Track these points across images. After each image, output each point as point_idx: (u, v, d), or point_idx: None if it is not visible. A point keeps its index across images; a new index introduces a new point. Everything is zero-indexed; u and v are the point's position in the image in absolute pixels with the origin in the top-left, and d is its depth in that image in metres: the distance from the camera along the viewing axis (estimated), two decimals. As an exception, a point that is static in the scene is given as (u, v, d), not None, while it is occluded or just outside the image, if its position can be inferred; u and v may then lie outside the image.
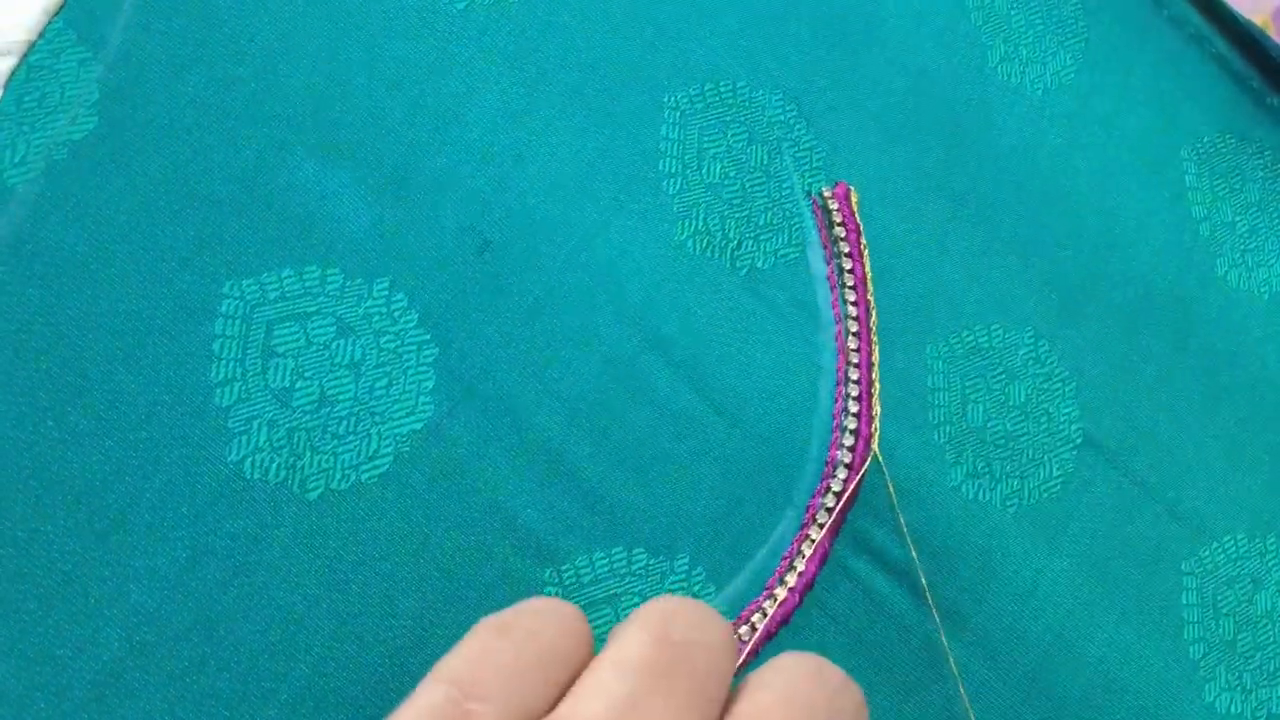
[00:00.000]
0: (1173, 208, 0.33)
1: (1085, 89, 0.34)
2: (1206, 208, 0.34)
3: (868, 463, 0.28)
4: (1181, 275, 0.33)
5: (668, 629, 0.19)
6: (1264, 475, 0.32)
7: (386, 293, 0.26)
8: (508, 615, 0.19)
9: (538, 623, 0.19)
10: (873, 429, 0.28)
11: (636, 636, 0.18)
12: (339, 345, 0.26)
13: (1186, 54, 0.35)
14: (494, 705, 0.18)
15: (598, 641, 0.19)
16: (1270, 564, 0.31)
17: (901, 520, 0.27)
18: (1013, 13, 0.34)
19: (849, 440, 0.28)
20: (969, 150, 0.32)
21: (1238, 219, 0.34)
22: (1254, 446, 0.32)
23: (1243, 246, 0.34)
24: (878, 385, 0.28)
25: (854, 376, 0.28)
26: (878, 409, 0.28)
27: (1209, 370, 0.32)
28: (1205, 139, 0.34)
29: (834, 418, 0.28)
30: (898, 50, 0.32)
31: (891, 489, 0.27)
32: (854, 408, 0.28)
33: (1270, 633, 0.30)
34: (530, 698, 0.18)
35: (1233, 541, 0.31)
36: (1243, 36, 0.35)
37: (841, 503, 0.27)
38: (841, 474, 0.27)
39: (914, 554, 0.27)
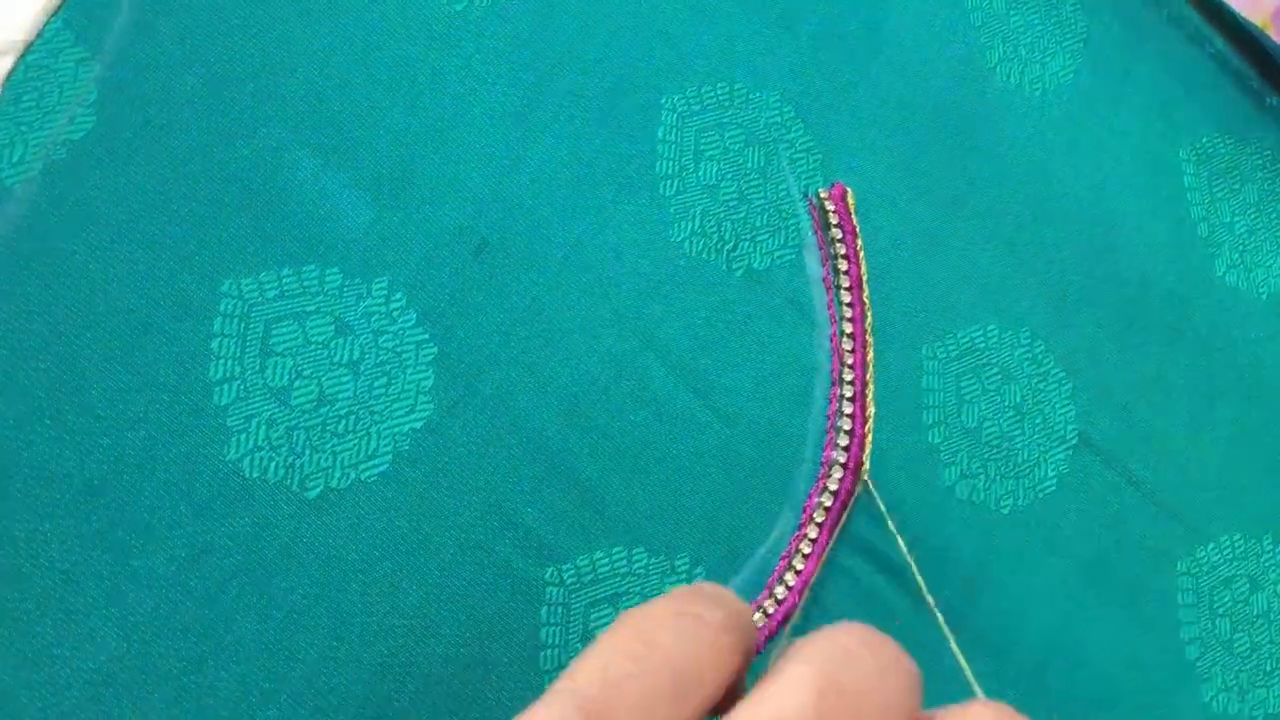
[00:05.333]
0: (1171, 208, 0.33)
1: (1084, 89, 0.34)
2: (1205, 208, 0.34)
3: (864, 465, 0.28)
4: (1179, 275, 0.33)
5: (839, 676, 0.16)
6: (1261, 475, 0.32)
7: (385, 292, 0.26)
8: (652, 624, 0.17)
9: (681, 640, 0.17)
10: (866, 429, 0.28)
11: (800, 681, 0.16)
12: (337, 344, 0.26)
13: (1186, 54, 0.35)
14: None
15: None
16: (1267, 564, 0.31)
17: (894, 528, 0.27)
18: (1012, 13, 0.34)
19: (843, 440, 0.28)
20: (967, 151, 0.32)
21: (1236, 219, 0.34)
22: (1251, 447, 0.32)
23: (1241, 246, 0.34)
24: (872, 386, 0.29)
25: (848, 378, 0.28)
26: (871, 409, 0.28)
27: (1206, 370, 0.32)
28: (1204, 139, 0.34)
29: (828, 418, 0.28)
30: (896, 51, 0.32)
31: (881, 505, 0.27)
32: (848, 408, 0.28)
33: (1267, 633, 0.30)
34: None
35: (1229, 542, 0.31)
36: (1242, 36, 0.35)
37: (837, 502, 0.27)
38: (837, 474, 0.27)
39: (911, 560, 0.27)
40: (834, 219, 0.30)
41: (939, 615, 0.27)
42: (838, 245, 0.29)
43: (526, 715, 0.16)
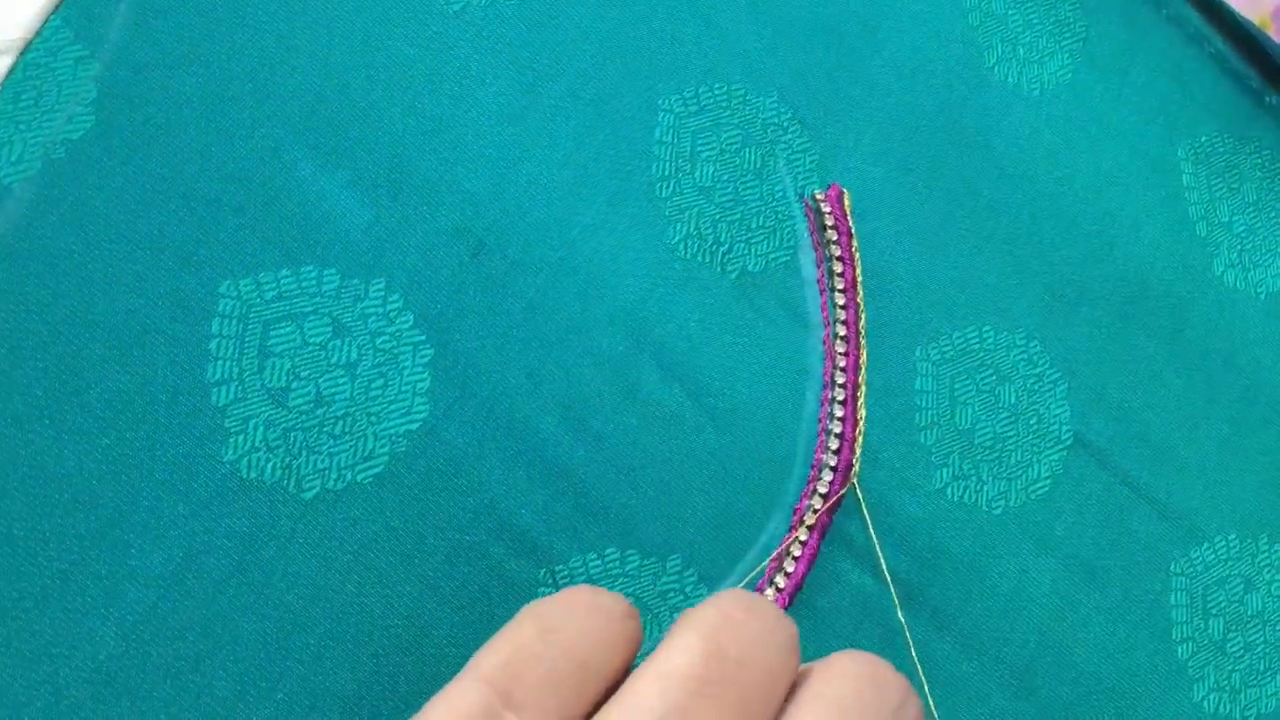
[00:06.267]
0: (1169, 207, 0.33)
1: (1083, 89, 0.34)
2: (1203, 207, 0.34)
3: (853, 468, 0.28)
4: (1177, 275, 0.33)
5: (722, 643, 0.18)
6: (1257, 476, 0.32)
7: (383, 293, 0.27)
8: (554, 613, 0.19)
9: (582, 625, 0.18)
10: (857, 432, 0.28)
11: (688, 645, 0.17)
12: (335, 345, 0.26)
13: (1185, 53, 0.35)
14: (529, 716, 0.17)
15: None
16: (1262, 564, 0.31)
17: (875, 539, 0.28)
18: (1010, 12, 0.34)
19: (834, 444, 0.28)
20: (965, 151, 0.32)
21: (1235, 218, 0.34)
22: (1247, 447, 0.32)
23: (1239, 246, 0.34)
24: (863, 389, 0.29)
25: (840, 380, 0.28)
26: (862, 413, 0.28)
27: (1203, 370, 0.32)
28: (1203, 138, 0.34)
29: (819, 421, 0.28)
30: (894, 51, 0.32)
31: (865, 511, 0.28)
32: (839, 411, 0.28)
33: (1260, 634, 0.30)
34: (567, 707, 0.18)
35: (1224, 542, 0.31)
36: (1242, 36, 0.35)
37: (827, 505, 0.27)
38: (827, 476, 0.28)
39: (879, 552, 0.28)
40: (830, 220, 0.30)
41: (907, 629, 0.28)
42: (833, 247, 0.29)
43: (440, 695, 0.18)
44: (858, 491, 0.28)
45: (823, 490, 0.27)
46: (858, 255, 0.30)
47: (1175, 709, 0.29)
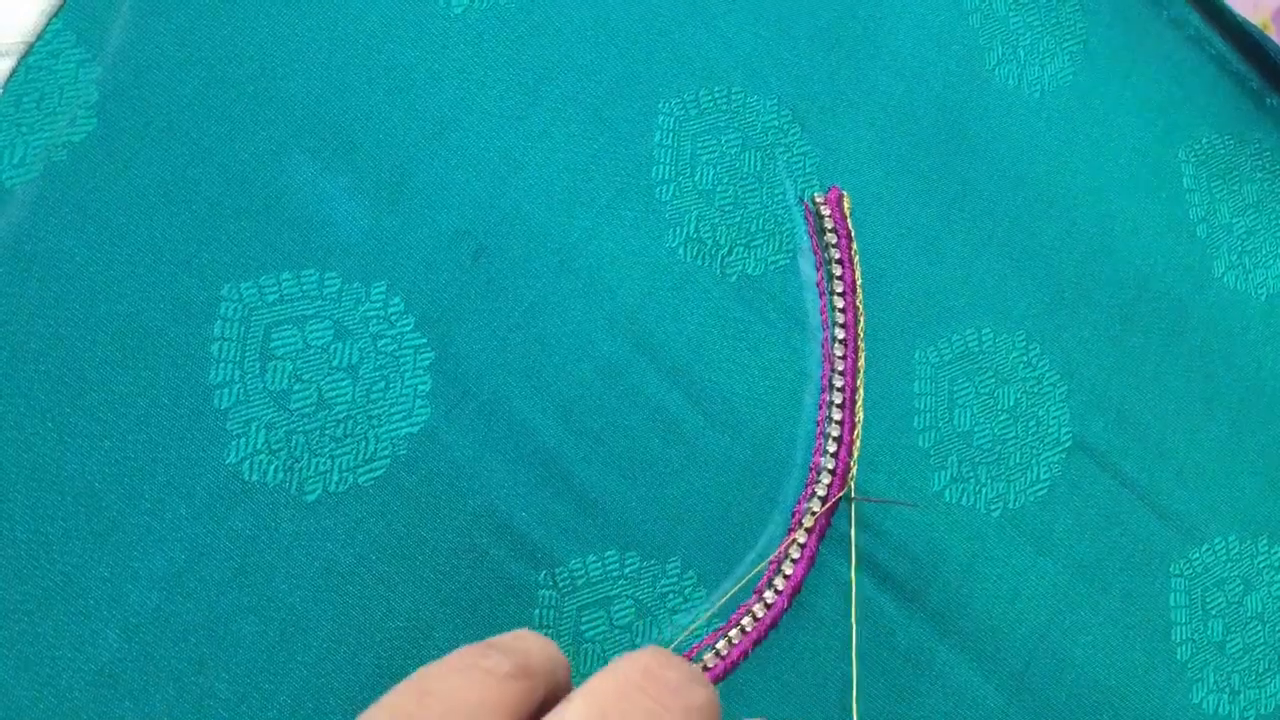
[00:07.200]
0: (1170, 209, 0.33)
1: (1083, 91, 0.34)
2: (1204, 209, 0.34)
3: (851, 471, 0.28)
4: (1178, 276, 0.33)
5: (611, 713, 0.18)
6: (1257, 477, 0.32)
7: (384, 296, 0.27)
8: (434, 675, 0.19)
9: (457, 687, 0.19)
10: (855, 436, 0.28)
11: (575, 714, 0.18)
12: (337, 348, 0.26)
13: (1185, 55, 0.35)
14: None
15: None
16: (1262, 565, 0.31)
17: (853, 541, 0.28)
18: (1011, 15, 0.34)
19: (832, 447, 0.28)
20: (965, 153, 0.32)
21: (1235, 220, 0.34)
22: (1247, 448, 0.32)
23: (1240, 247, 0.34)
24: (861, 392, 0.29)
25: (838, 384, 0.28)
26: (860, 416, 0.28)
27: (1203, 372, 0.32)
28: (1203, 140, 0.34)
29: (817, 424, 0.28)
30: (895, 53, 0.32)
31: (853, 515, 0.28)
32: (837, 415, 0.28)
33: (1260, 634, 0.30)
34: None
35: (1224, 543, 0.31)
36: (1242, 38, 0.35)
37: (824, 509, 0.27)
38: (826, 479, 0.28)
39: (853, 576, 0.28)
40: (829, 223, 0.30)
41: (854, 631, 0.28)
42: (832, 250, 0.30)
43: None
44: (853, 494, 0.28)
45: (821, 493, 0.27)
46: (857, 258, 0.30)
47: (1174, 710, 0.29)
